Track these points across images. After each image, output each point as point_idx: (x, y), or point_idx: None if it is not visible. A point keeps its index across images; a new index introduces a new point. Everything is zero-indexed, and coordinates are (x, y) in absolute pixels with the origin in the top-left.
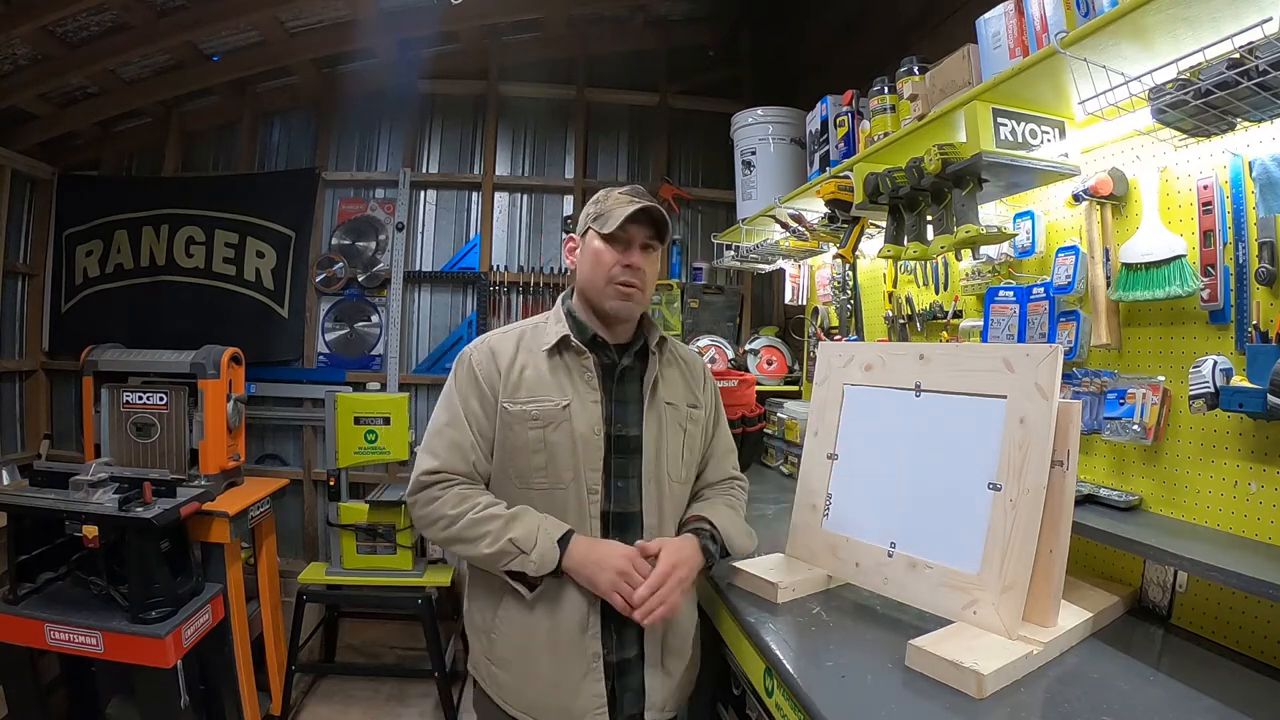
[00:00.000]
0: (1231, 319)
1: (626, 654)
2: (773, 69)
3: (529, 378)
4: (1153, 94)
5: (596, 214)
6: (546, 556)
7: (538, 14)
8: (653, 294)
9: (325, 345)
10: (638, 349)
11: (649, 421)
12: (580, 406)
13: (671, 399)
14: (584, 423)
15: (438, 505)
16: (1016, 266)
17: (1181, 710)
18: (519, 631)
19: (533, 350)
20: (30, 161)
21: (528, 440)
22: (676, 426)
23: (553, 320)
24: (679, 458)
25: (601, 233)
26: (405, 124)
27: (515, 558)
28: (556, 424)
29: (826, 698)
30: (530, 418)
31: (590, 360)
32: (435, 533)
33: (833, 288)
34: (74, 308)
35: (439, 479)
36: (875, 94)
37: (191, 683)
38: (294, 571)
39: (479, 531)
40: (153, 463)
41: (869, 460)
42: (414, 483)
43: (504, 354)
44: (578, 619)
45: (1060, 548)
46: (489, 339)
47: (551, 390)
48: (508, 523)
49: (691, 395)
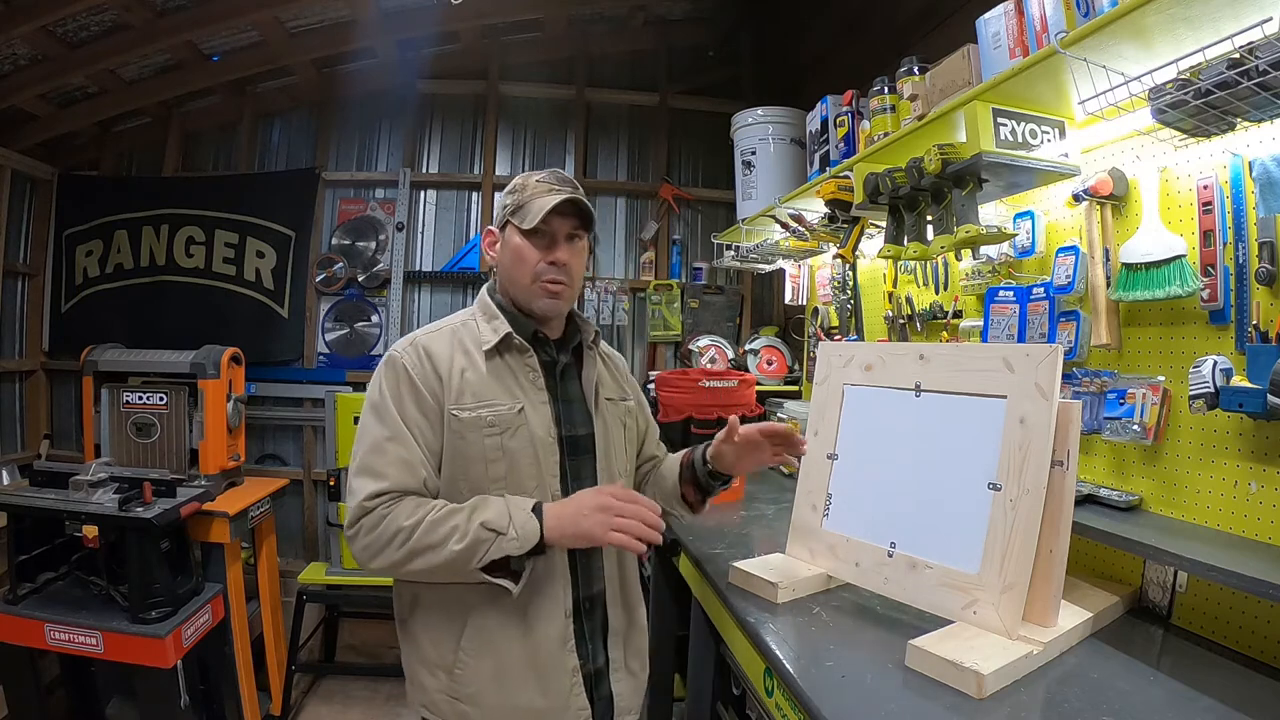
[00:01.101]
0: (1231, 319)
1: (598, 662)
2: (773, 69)
3: (470, 380)
4: (1153, 94)
5: (514, 205)
6: (527, 528)
7: (538, 14)
8: (580, 286)
9: (325, 345)
10: (574, 346)
11: (598, 420)
12: (532, 409)
13: (610, 395)
14: (540, 426)
15: (389, 520)
16: (1016, 266)
17: (1181, 710)
18: (491, 660)
19: (469, 350)
20: (30, 161)
21: (484, 449)
22: (618, 422)
23: (483, 317)
24: (623, 453)
25: (522, 228)
26: (405, 124)
27: (493, 543)
28: (514, 429)
29: (826, 698)
30: (486, 424)
31: (534, 359)
32: (390, 553)
33: (833, 288)
34: (74, 308)
35: (386, 499)
36: (875, 94)
37: (191, 683)
38: (294, 571)
39: (443, 531)
40: (153, 463)
41: (869, 460)
42: (355, 510)
43: (440, 355)
44: (557, 633)
45: (1060, 548)
46: (417, 340)
47: (499, 393)
48: (472, 512)
49: (621, 389)
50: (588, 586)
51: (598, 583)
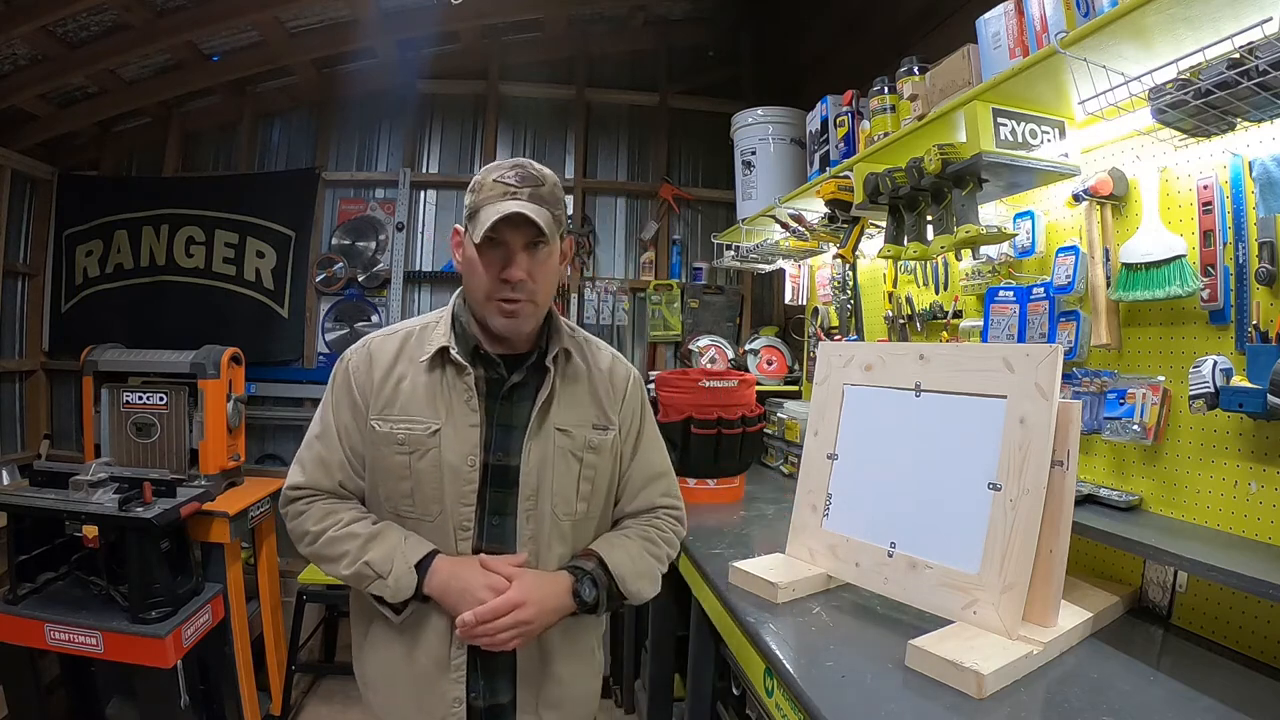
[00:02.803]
0: (1231, 319)
1: (499, 699)
2: (773, 69)
3: (404, 391)
4: (1153, 94)
5: (470, 209)
6: (402, 582)
7: (538, 14)
8: (552, 293)
9: (325, 345)
10: (531, 363)
11: (529, 450)
12: (453, 432)
13: (565, 423)
14: (455, 451)
15: (302, 520)
16: (1016, 266)
17: (1181, 710)
18: (382, 660)
19: (414, 359)
20: (30, 161)
21: (393, 465)
22: (568, 456)
23: (441, 323)
24: (571, 491)
25: (473, 240)
26: (405, 124)
27: (373, 581)
28: (423, 451)
29: (826, 698)
30: (396, 441)
31: (471, 378)
32: (302, 548)
33: (833, 288)
34: (74, 308)
35: (303, 494)
36: (875, 94)
37: (191, 683)
38: (294, 571)
39: (337, 551)
40: (153, 463)
41: (869, 460)
42: (283, 494)
43: (381, 361)
44: (436, 655)
45: (1060, 548)
46: (371, 341)
47: (424, 409)
48: (366, 542)
49: (599, 415)
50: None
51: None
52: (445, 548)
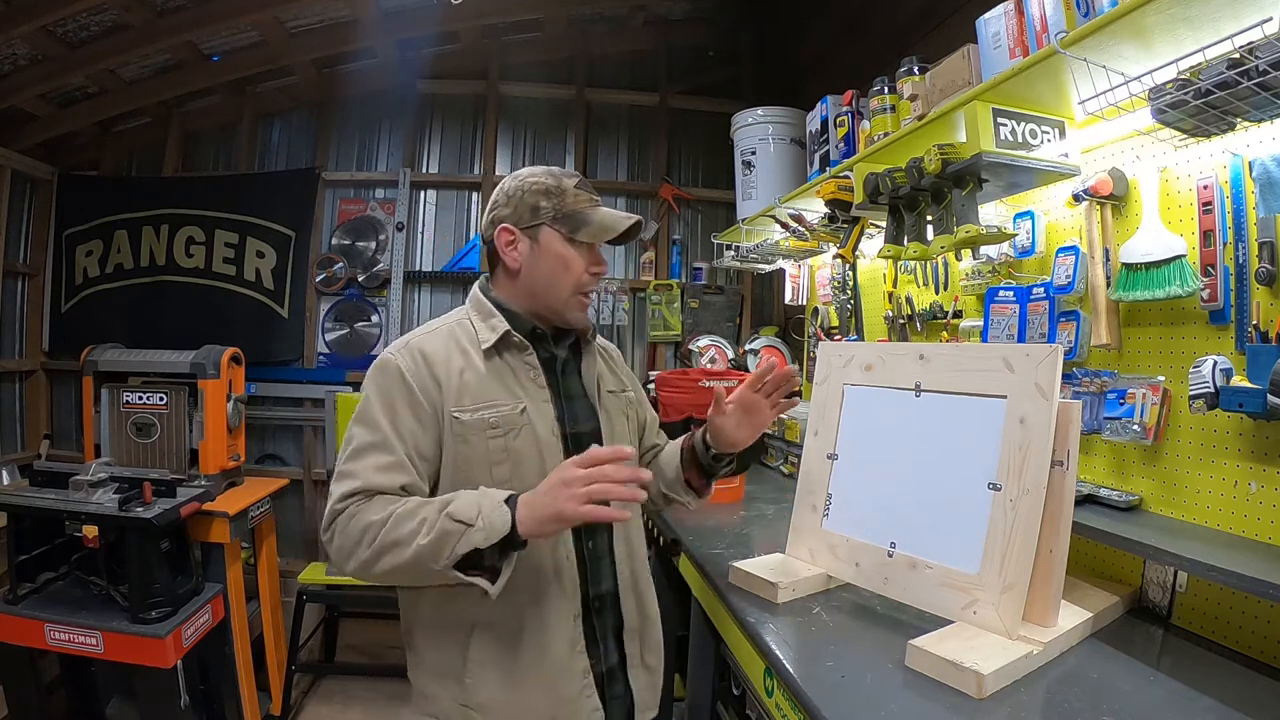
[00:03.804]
0: (1231, 319)
1: (610, 661)
2: (773, 69)
3: (470, 381)
4: (1153, 94)
5: (558, 211)
6: (494, 518)
7: (538, 14)
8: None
9: (325, 345)
10: (572, 341)
11: (602, 415)
12: (535, 409)
13: (612, 388)
14: (543, 426)
15: (360, 516)
16: (1016, 266)
17: (1181, 710)
18: (498, 670)
19: (466, 350)
20: (30, 161)
21: (488, 451)
22: (621, 414)
23: (477, 316)
24: (628, 445)
25: (574, 238)
26: (405, 124)
27: (460, 535)
28: (518, 430)
29: (826, 698)
30: (489, 425)
31: (534, 357)
32: (360, 552)
33: (833, 288)
34: (74, 308)
35: (357, 498)
36: (875, 94)
37: (191, 683)
38: (294, 571)
39: (411, 525)
40: (153, 463)
41: (869, 460)
42: (327, 514)
43: (437, 356)
44: (565, 637)
45: (1060, 548)
46: (412, 342)
47: (500, 394)
48: (443, 506)
49: (621, 381)
50: (596, 585)
51: (607, 580)
52: None
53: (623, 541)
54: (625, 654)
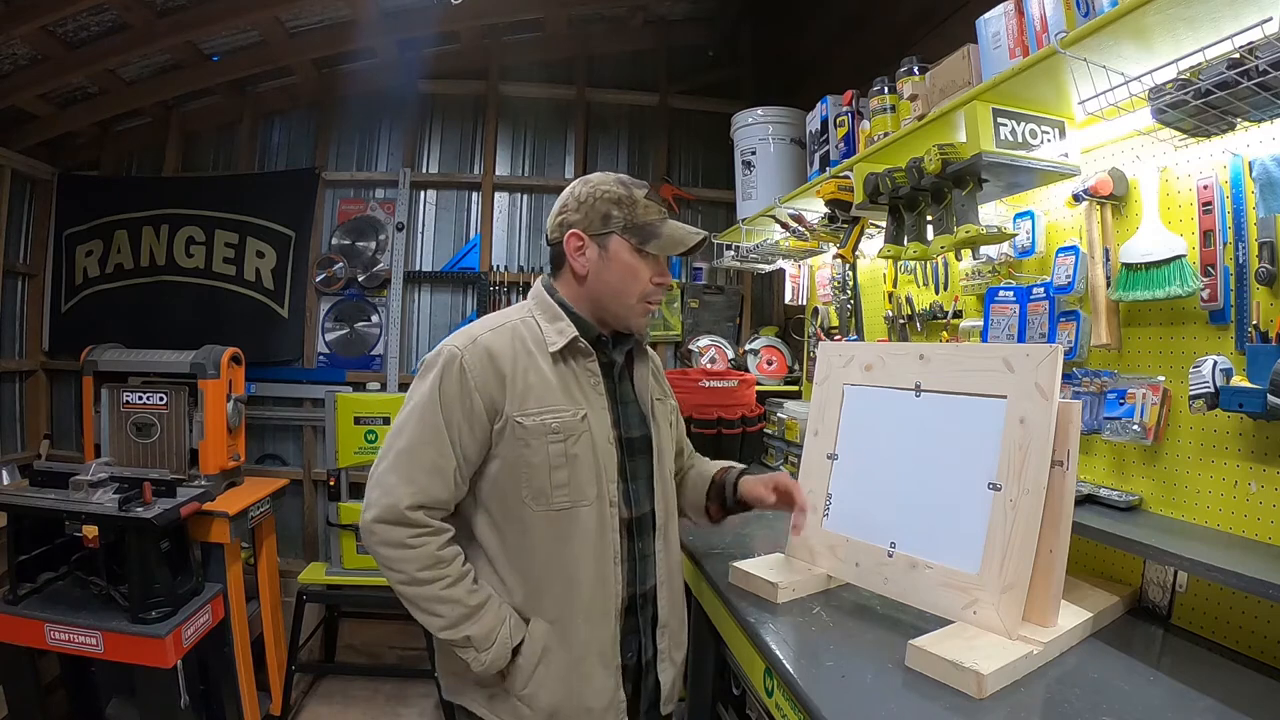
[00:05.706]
0: (1231, 319)
1: (647, 655)
2: (773, 69)
3: (534, 384)
4: (1153, 94)
5: (629, 221)
6: (496, 665)
7: (538, 14)
8: None
9: (325, 345)
10: (627, 347)
11: (653, 422)
12: (595, 416)
13: (658, 395)
14: (600, 432)
15: (403, 558)
16: (1016, 266)
17: (1181, 710)
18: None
19: (531, 351)
20: (30, 161)
21: (548, 456)
22: (666, 421)
23: (543, 315)
24: (670, 451)
25: (644, 249)
26: (405, 124)
27: (466, 650)
28: (578, 436)
29: (826, 698)
30: (550, 430)
31: (595, 363)
32: (391, 578)
33: (833, 288)
34: (74, 308)
35: (417, 521)
36: (875, 94)
37: (191, 683)
38: (294, 571)
39: (437, 610)
40: (153, 463)
41: (869, 460)
42: (385, 509)
43: (503, 357)
44: (607, 635)
45: (1060, 548)
46: (479, 337)
47: (561, 398)
48: (470, 615)
49: (662, 388)
50: (641, 584)
51: (650, 578)
52: (600, 526)
53: (663, 539)
54: (657, 649)
